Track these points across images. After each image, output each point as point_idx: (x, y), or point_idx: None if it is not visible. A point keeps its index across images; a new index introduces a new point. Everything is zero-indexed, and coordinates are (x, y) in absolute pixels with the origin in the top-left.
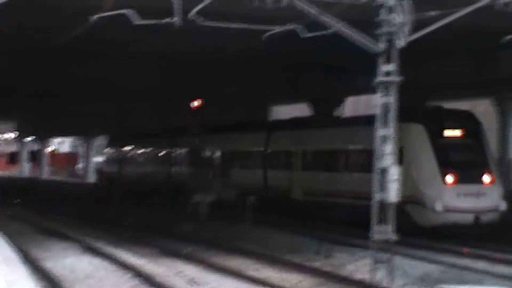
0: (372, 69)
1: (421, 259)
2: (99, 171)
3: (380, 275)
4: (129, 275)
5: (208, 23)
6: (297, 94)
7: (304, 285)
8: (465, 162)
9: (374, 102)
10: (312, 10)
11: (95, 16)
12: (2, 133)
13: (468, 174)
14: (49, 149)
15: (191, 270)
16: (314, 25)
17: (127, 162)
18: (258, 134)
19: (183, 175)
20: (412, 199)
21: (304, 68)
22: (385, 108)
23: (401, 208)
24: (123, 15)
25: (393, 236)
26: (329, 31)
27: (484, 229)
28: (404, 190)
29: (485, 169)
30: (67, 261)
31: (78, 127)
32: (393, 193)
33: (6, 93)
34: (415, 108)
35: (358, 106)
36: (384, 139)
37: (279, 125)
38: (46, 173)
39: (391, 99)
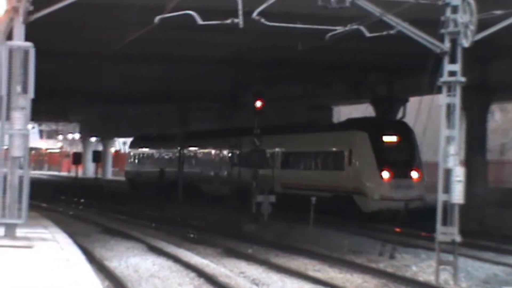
0: (436, 69)
1: (485, 260)
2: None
3: (444, 277)
4: (192, 275)
5: (271, 23)
6: (359, 94)
7: (368, 286)
8: (398, 161)
9: (438, 103)
10: (376, 10)
11: (159, 17)
12: (66, 134)
13: (400, 171)
14: (113, 149)
15: (254, 271)
16: (377, 24)
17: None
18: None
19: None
20: (357, 191)
21: (366, 68)
22: (449, 108)
23: (350, 197)
24: (186, 15)
25: (458, 238)
26: (393, 30)
27: (411, 213)
28: (352, 183)
29: (414, 167)
30: (131, 261)
31: (140, 128)
32: (457, 193)
33: (69, 94)
34: (362, 119)
35: (421, 107)
36: (448, 140)
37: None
38: (110, 173)
39: (456, 99)
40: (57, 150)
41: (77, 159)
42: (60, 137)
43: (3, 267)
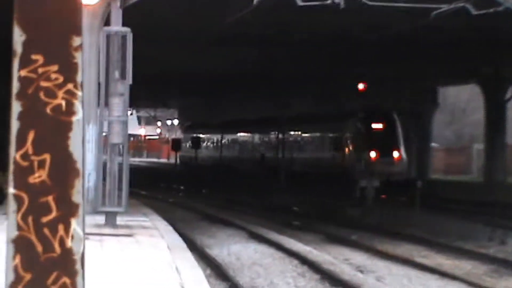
0: None
1: None
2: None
3: None
4: (295, 262)
5: (373, 3)
6: (465, 74)
7: (478, 273)
8: (383, 144)
9: None
10: None
11: None
12: (165, 120)
13: (384, 152)
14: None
15: (358, 257)
16: (484, 1)
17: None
18: None
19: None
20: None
21: (472, 47)
22: None
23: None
24: None
25: None
26: (500, 7)
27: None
28: (349, 162)
29: (395, 148)
30: (233, 248)
31: (237, 113)
32: None
33: (167, 80)
34: (356, 109)
35: None
36: None
37: None
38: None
39: None
40: (156, 137)
41: (176, 145)
42: (159, 123)
43: (105, 256)
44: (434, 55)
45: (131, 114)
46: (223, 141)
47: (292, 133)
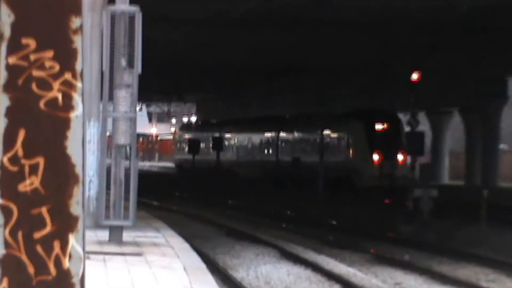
0: None
1: None
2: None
3: None
4: (336, 286)
5: None
6: None
7: None
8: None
9: None
10: None
11: None
12: (181, 116)
13: (388, 154)
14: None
15: (412, 281)
16: None
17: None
18: None
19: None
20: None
21: None
22: None
23: (348, 176)
24: None
25: None
26: None
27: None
28: (349, 164)
29: (400, 150)
30: (261, 270)
31: (265, 108)
32: None
33: (184, 69)
34: (358, 110)
35: None
36: None
37: None
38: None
39: None
40: (170, 137)
41: (194, 147)
42: (174, 120)
43: (109, 279)
44: (501, 40)
45: (140, 109)
46: (248, 142)
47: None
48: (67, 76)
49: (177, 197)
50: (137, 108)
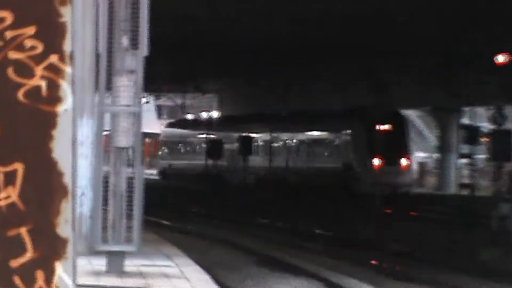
0: None
1: None
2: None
3: None
4: None
5: None
6: None
7: None
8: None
9: None
10: None
11: None
12: (199, 111)
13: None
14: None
15: None
16: None
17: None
18: None
19: None
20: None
21: None
22: None
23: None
24: None
25: None
26: None
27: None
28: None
29: (404, 154)
30: None
31: (307, 101)
32: None
33: (202, 49)
34: (358, 107)
35: None
36: None
37: None
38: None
39: None
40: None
41: (215, 150)
42: (189, 116)
43: None
44: None
45: (147, 102)
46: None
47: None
48: (53, 58)
49: (195, 214)
50: (143, 101)
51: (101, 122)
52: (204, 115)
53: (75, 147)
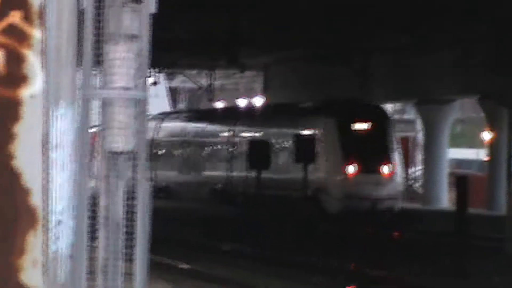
0: None
1: None
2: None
3: None
4: None
5: None
6: None
7: None
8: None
9: None
10: None
11: None
12: (230, 97)
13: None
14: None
15: None
16: None
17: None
18: None
19: None
20: None
21: None
22: None
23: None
24: None
25: None
26: None
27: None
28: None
29: (386, 160)
30: None
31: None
32: None
33: (240, 11)
34: (329, 102)
35: None
36: None
37: None
38: None
39: None
40: None
41: (260, 156)
42: (219, 104)
43: None
44: None
45: (155, 83)
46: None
47: None
48: (14, 17)
49: (226, 253)
50: (149, 81)
51: (85, 114)
52: (241, 102)
53: (47, 151)
